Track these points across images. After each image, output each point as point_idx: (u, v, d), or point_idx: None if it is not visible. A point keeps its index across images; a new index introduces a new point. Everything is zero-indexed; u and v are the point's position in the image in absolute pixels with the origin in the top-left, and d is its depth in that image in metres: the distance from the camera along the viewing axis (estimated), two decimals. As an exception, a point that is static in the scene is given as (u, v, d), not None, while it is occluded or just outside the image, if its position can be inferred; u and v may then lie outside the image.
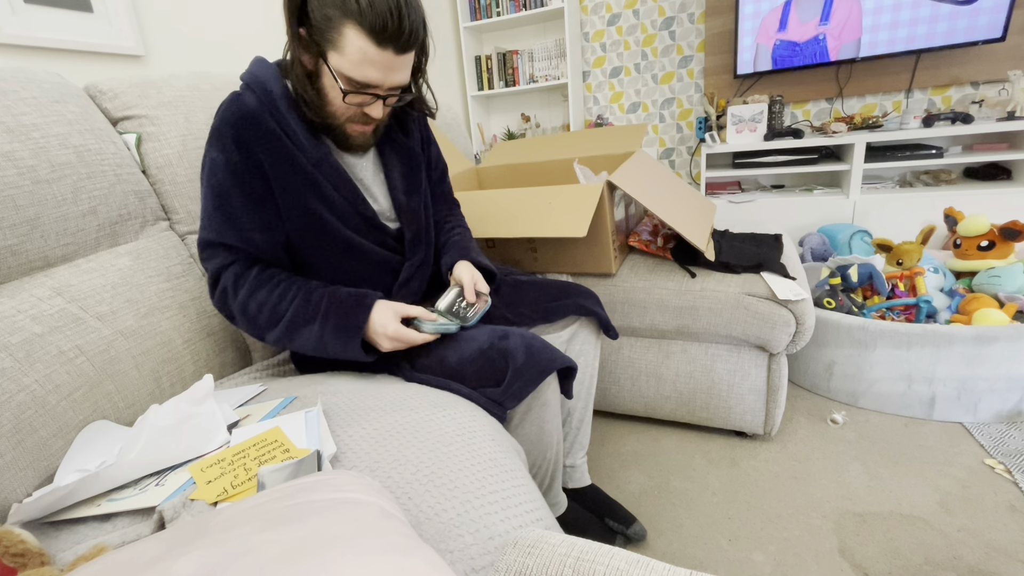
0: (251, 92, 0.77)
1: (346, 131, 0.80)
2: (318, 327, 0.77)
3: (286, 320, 0.77)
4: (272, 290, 0.78)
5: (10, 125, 0.74)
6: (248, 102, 0.76)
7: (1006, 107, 1.94)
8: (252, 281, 0.79)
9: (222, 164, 0.76)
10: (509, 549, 0.46)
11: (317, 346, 0.77)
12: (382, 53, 0.69)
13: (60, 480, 0.61)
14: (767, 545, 1.00)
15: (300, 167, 0.78)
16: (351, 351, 0.77)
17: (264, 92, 0.76)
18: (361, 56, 0.68)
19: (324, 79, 0.74)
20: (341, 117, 0.77)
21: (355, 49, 0.68)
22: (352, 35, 0.67)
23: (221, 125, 0.76)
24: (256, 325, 0.79)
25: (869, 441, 1.26)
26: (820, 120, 2.44)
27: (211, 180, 0.77)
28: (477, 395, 0.77)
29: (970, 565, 0.92)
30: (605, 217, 1.15)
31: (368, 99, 0.75)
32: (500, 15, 2.66)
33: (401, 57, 0.71)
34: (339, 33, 0.67)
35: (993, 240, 1.43)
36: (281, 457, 0.58)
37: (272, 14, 1.73)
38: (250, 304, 0.78)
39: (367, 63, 0.69)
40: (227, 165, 0.75)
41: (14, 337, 0.67)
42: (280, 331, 0.78)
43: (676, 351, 1.29)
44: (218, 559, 0.32)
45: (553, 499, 0.96)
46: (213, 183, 0.77)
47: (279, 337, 0.79)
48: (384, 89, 0.74)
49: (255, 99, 0.76)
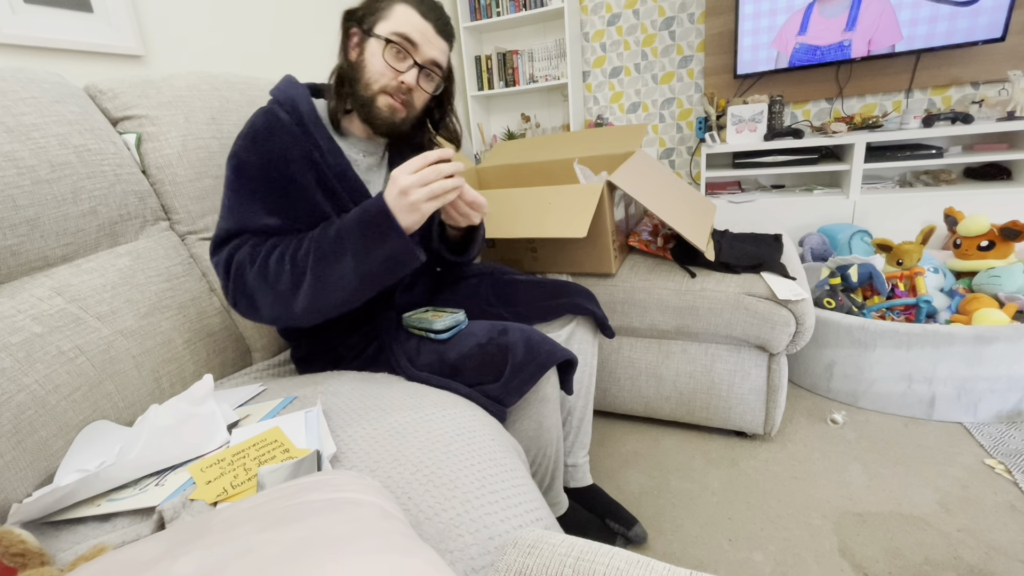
0: (280, 107, 0.82)
1: (377, 103, 0.82)
2: (350, 250, 0.69)
3: (312, 261, 0.71)
4: (288, 245, 0.74)
5: (10, 125, 0.74)
6: (279, 115, 0.81)
7: (1006, 107, 1.94)
8: (268, 246, 0.74)
9: (249, 163, 0.78)
10: (509, 549, 0.46)
11: (357, 267, 0.69)
12: (424, 23, 0.80)
13: (60, 480, 0.61)
14: (767, 545, 1.00)
15: (323, 176, 0.82)
16: (395, 244, 0.68)
17: (293, 108, 0.82)
18: (406, 18, 0.79)
19: (367, 51, 0.81)
20: (376, 85, 0.81)
21: (401, 14, 0.79)
22: (400, 8, 0.79)
23: (252, 130, 0.80)
24: (279, 290, 0.71)
25: (869, 441, 1.26)
26: (820, 120, 2.44)
27: (236, 175, 0.79)
28: (477, 395, 0.77)
29: (970, 565, 0.92)
30: (605, 217, 1.15)
31: (405, 62, 0.80)
32: (500, 15, 2.66)
33: (438, 37, 0.82)
34: (389, 8, 0.79)
35: (993, 240, 1.43)
36: (281, 457, 0.58)
37: (272, 15, 1.73)
38: (269, 266, 0.72)
39: (410, 24, 0.79)
40: (256, 164, 0.78)
41: (14, 337, 0.67)
42: (309, 281, 0.70)
43: (676, 351, 1.29)
44: (218, 559, 0.32)
45: (554, 499, 0.96)
46: (237, 179, 0.79)
47: (310, 287, 0.70)
48: (421, 58, 0.81)
49: (285, 113, 0.81)
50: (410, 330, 0.88)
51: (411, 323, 0.88)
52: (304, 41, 1.86)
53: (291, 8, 1.81)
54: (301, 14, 1.85)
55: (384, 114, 0.83)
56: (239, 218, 0.77)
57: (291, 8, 1.81)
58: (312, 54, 1.90)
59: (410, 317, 0.89)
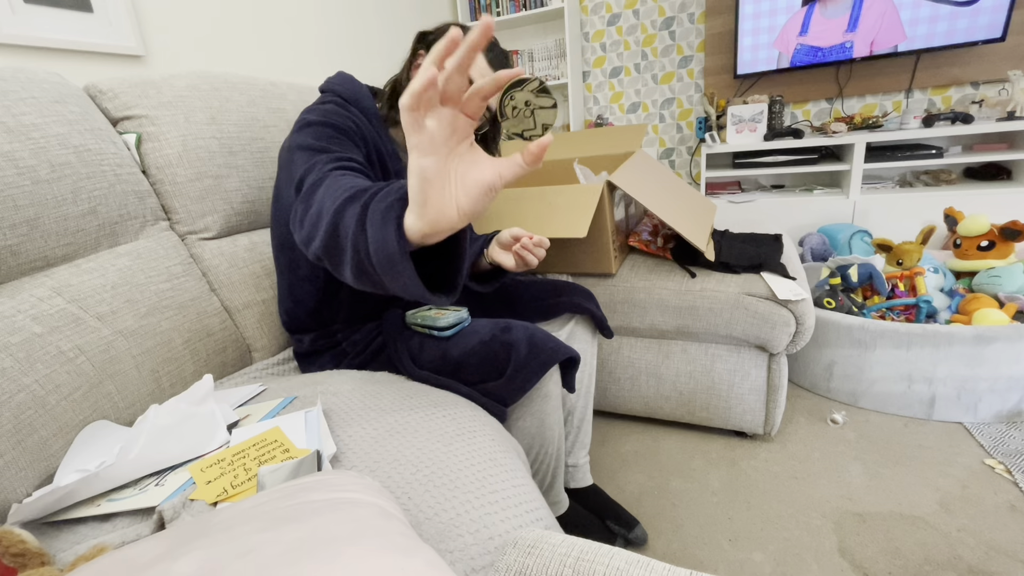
0: (345, 100, 0.85)
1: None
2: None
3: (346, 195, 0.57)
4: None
5: (10, 125, 0.74)
6: (346, 105, 0.84)
7: (1006, 107, 1.94)
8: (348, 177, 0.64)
9: (323, 121, 0.77)
10: (509, 549, 0.46)
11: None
12: (489, 70, 0.81)
13: (60, 480, 0.61)
14: (767, 545, 1.00)
15: (384, 166, 0.84)
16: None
17: (357, 102, 0.85)
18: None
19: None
20: None
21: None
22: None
23: (321, 104, 0.82)
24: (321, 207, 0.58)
25: (869, 441, 1.26)
26: (820, 120, 2.44)
27: (309, 130, 0.75)
28: (477, 394, 0.77)
29: (970, 565, 0.92)
30: (605, 217, 1.15)
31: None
32: (500, 15, 2.66)
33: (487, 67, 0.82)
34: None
35: (993, 240, 1.43)
36: (281, 457, 0.58)
37: (272, 15, 1.73)
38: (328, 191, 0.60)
39: (476, 67, 0.80)
40: (331, 118, 0.78)
41: (14, 337, 0.67)
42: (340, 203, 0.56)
43: (676, 351, 1.29)
44: (218, 559, 0.32)
45: (554, 498, 0.96)
46: (311, 133, 0.75)
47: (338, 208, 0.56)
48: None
49: (351, 105, 0.84)
50: (413, 327, 0.88)
51: (414, 320, 0.88)
52: (304, 41, 1.86)
53: (291, 8, 1.81)
54: (301, 14, 1.85)
55: None
56: (322, 147, 0.72)
57: (291, 8, 1.81)
58: (312, 54, 1.89)
59: (413, 315, 0.89)
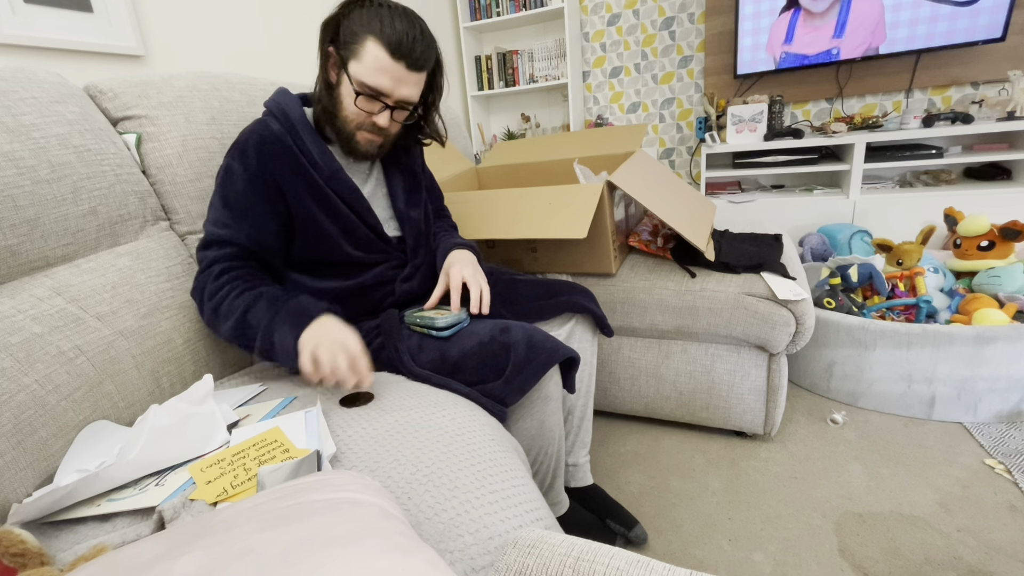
0: (274, 118, 0.86)
1: (356, 139, 0.86)
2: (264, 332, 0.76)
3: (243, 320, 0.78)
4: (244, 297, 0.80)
5: (10, 125, 0.74)
6: (272, 126, 0.85)
7: (1006, 107, 1.94)
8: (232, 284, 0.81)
9: (240, 172, 0.83)
10: (509, 549, 0.46)
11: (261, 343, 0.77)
12: (395, 65, 0.78)
13: (60, 480, 0.61)
14: (767, 545, 1.00)
15: (314, 183, 0.85)
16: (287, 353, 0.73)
17: (285, 118, 0.86)
18: (376, 63, 0.78)
19: (342, 87, 0.82)
20: (352, 124, 0.84)
21: (372, 57, 0.78)
22: (372, 46, 0.77)
23: (245, 140, 0.84)
24: (216, 311, 0.80)
25: (869, 441, 1.26)
26: (820, 120, 2.44)
27: (226, 183, 0.84)
28: (477, 394, 0.77)
29: (970, 565, 0.92)
30: (605, 217, 1.15)
31: (377, 106, 0.82)
32: (500, 15, 2.66)
33: (411, 74, 0.80)
34: (361, 45, 0.78)
35: (993, 240, 1.43)
36: (281, 457, 0.58)
37: (271, 15, 1.73)
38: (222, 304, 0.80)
39: (380, 71, 0.78)
40: (244, 173, 0.83)
41: (14, 337, 0.67)
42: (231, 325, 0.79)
43: (676, 351, 1.29)
44: (218, 559, 0.32)
45: (555, 498, 0.96)
46: (227, 186, 0.84)
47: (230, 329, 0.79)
48: (392, 100, 0.82)
49: (278, 124, 0.85)
50: (412, 328, 0.88)
51: (413, 321, 0.88)
52: (304, 41, 1.86)
53: (291, 8, 1.81)
54: (301, 14, 1.85)
55: (363, 147, 0.88)
56: (226, 227, 0.83)
57: (291, 8, 1.81)
58: (313, 54, 1.89)
59: (412, 315, 0.88)
